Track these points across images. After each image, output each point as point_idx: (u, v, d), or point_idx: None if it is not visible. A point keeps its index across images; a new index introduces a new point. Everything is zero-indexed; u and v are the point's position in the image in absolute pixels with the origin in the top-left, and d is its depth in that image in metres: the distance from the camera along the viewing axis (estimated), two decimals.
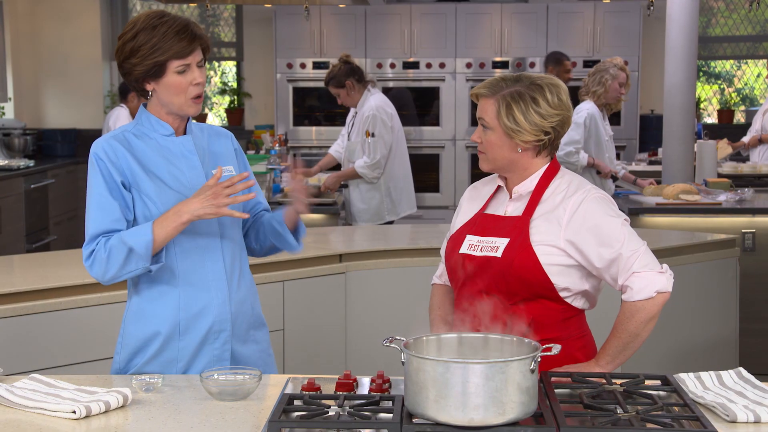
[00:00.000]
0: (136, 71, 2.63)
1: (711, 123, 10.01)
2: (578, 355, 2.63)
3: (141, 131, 2.72)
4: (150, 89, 2.66)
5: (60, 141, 9.68)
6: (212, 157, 2.79)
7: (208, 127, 2.86)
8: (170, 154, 2.71)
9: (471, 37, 9.15)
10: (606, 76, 6.12)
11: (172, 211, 2.58)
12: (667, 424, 2.11)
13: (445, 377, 2.07)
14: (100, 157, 2.64)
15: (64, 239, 9.00)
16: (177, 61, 2.61)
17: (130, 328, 2.74)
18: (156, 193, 2.66)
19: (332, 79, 6.18)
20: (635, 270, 2.54)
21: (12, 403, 2.31)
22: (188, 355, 2.70)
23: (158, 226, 2.58)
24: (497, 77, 2.68)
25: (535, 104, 2.59)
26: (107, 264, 2.59)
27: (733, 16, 9.98)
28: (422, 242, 4.62)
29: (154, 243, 2.57)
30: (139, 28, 2.61)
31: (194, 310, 2.71)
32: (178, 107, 2.67)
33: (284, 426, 2.11)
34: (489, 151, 2.65)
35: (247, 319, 2.81)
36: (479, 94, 2.66)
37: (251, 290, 2.85)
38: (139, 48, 2.60)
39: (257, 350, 2.83)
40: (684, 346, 4.55)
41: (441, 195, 9.19)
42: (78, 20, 9.78)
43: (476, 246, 2.64)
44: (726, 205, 5.78)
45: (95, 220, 2.62)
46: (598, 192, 2.64)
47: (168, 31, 2.59)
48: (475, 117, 2.71)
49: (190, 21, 2.66)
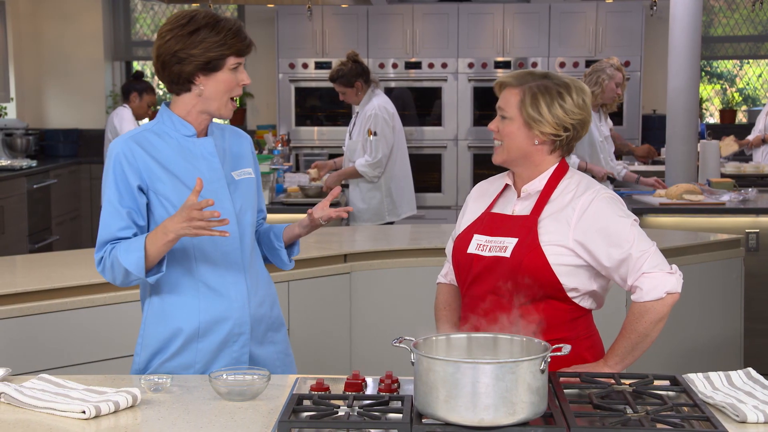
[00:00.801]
0: (194, 62, 2.64)
1: (713, 123, 10.01)
2: (586, 355, 2.63)
3: (162, 130, 2.72)
4: (198, 83, 2.67)
5: (62, 141, 9.69)
6: (233, 158, 2.79)
7: (229, 128, 2.87)
8: (191, 155, 2.71)
9: (473, 37, 9.14)
10: (603, 76, 6.04)
11: (161, 227, 2.58)
12: (677, 425, 2.11)
13: (455, 377, 2.06)
14: (117, 159, 2.65)
15: (66, 239, 9.00)
16: (235, 58, 2.66)
17: (150, 329, 2.75)
18: (174, 194, 2.66)
19: (341, 77, 6.14)
20: (645, 270, 2.54)
21: (21, 403, 2.31)
22: (206, 357, 2.71)
23: (150, 241, 2.58)
24: (525, 71, 2.69)
25: (560, 98, 2.61)
26: (112, 274, 2.65)
27: (735, 15, 9.98)
28: (427, 242, 4.62)
29: (146, 260, 2.58)
30: (201, 24, 2.64)
31: (214, 314, 2.71)
32: (218, 107, 2.70)
33: (294, 426, 2.11)
34: (506, 139, 2.65)
35: (265, 321, 2.81)
36: (505, 83, 2.66)
37: (269, 291, 2.85)
38: (202, 41, 2.62)
39: (275, 351, 2.84)
40: (689, 347, 4.54)
41: (443, 195, 9.19)
42: (80, 20, 9.77)
43: (484, 246, 2.64)
44: (730, 205, 5.78)
45: (104, 227, 2.65)
46: (608, 192, 2.64)
47: (231, 30, 2.65)
48: (477, 117, 2.72)
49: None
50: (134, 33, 10.21)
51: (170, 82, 2.70)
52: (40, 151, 9.51)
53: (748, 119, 9.90)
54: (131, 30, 10.19)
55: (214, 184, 2.70)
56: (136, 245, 2.59)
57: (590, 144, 6.13)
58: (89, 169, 9.36)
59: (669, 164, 6.54)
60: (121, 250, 2.59)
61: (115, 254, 2.60)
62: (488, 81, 9.08)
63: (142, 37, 10.23)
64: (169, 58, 2.66)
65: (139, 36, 10.23)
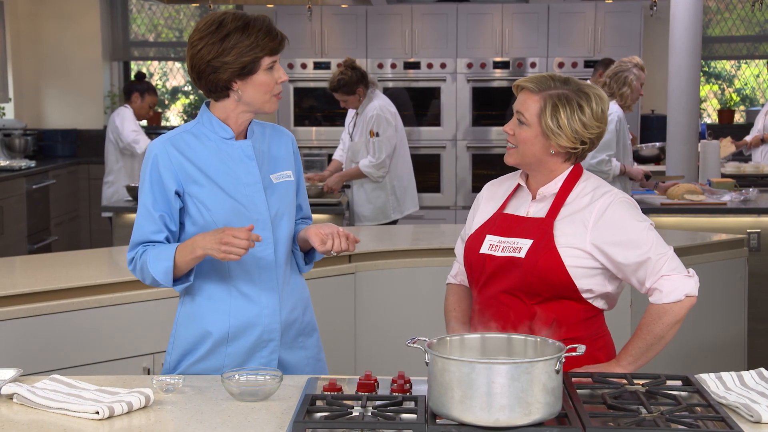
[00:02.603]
0: (229, 69, 2.61)
1: (711, 123, 10.03)
2: (599, 355, 2.63)
3: (201, 131, 2.70)
4: (236, 88, 2.64)
5: (60, 141, 9.67)
6: (271, 161, 2.76)
7: (270, 127, 2.83)
8: (228, 158, 2.69)
9: (472, 38, 9.15)
10: (630, 77, 5.86)
11: (191, 242, 2.59)
12: (692, 425, 2.11)
13: (470, 378, 2.06)
14: (155, 163, 2.65)
15: (65, 240, 8.99)
16: (269, 57, 2.63)
17: (180, 329, 2.76)
18: (209, 197, 2.65)
19: (343, 87, 6.14)
20: (664, 273, 2.54)
21: (34, 404, 2.31)
22: (235, 362, 2.70)
23: (179, 252, 2.60)
24: (545, 75, 2.64)
25: (581, 111, 2.58)
26: (142, 276, 2.69)
27: (732, 16, 9.99)
28: (431, 242, 4.63)
29: (174, 269, 2.60)
30: (230, 29, 2.60)
31: (244, 319, 2.71)
32: (260, 105, 2.68)
33: (309, 426, 2.11)
34: (521, 145, 2.63)
35: (296, 326, 2.80)
36: (524, 87, 2.63)
37: (302, 296, 2.84)
38: (234, 47, 2.59)
39: (305, 357, 2.82)
40: (693, 347, 4.55)
41: (442, 195, 9.19)
42: (78, 21, 9.76)
43: (497, 246, 2.64)
44: (731, 205, 5.80)
45: (138, 229, 2.67)
46: (624, 196, 2.64)
47: (261, 29, 2.62)
48: (476, 117, 2.71)
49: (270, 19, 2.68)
50: (132, 33, 10.20)
51: (208, 90, 2.68)
52: (39, 152, 9.50)
53: (746, 119, 9.92)
54: (129, 30, 10.17)
55: (250, 188, 2.69)
56: (165, 254, 2.60)
57: (624, 147, 6.00)
58: (88, 170, 9.35)
59: (669, 164, 6.56)
60: (151, 257, 2.61)
61: (145, 260, 2.62)
62: (487, 81, 9.09)
63: (140, 37, 10.22)
64: (204, 67, 2.62)
65: (136, 36, 10.22)
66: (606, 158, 5.78)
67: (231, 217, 2.65)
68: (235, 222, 2.65)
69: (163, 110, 10.39)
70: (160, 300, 3.69)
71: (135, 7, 10.17)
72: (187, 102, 10.55)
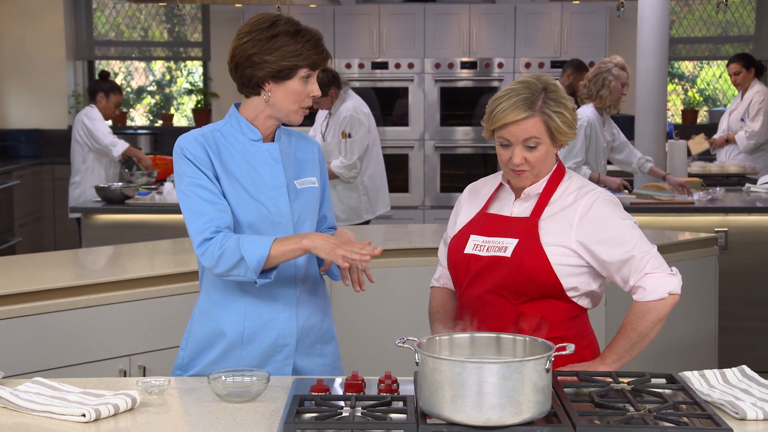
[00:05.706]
0: (267, 68, 2.60)
1: (676, 123, 10.12)
2: (584, 353, 2.65)
3: (229, 131, 2.70)
4: (267, 89, 2.64)
5: (24, 142, 9.56)
6: (297, 165, 2.76)
7: (296, 133, 2.83)
8: (254, 160, 2.68)
9: (439, 38, 9.17)
10: (609, 77, 5.81)
11: (299, 234, 2.57)
12: (681, 423, 2.13)
13: (461, 377, 2.07)
14: (188, 147, 2.63)
15: (29, 241, 8.88)
16: (308, 69, 2.62)
17: (195, 327, 2.74)
18: (233, 197, 2.64)
19: None
20: (647, 271, 2.57)
21: (18, 407, 2.28)
22: (248, 365, 2.67)
23: (278, 243, 2.55)
24: (518, 92, 2.58)
25: (566, 102, 2.63)
26: (218, 262, 2.58)
27: (695, 16, 10.10)
28: (400, 242, 4.63)
29: (268, 259, 2.54)
30: (281, 31, 2.59)
31: (259, 322, 2.69)
32: (286, 114, 2.67)
33: (300, 428, 2.11)
34: (537, 166, 2.62)
35: (314, 332, 2.78)
36: (520, 120, 2.57)
37: (321, 303, 2.81)
38: (278, 48, 2.59)
39: (321, 364, 2.79)
40: (664, 345, 4.59)
41: (410, 195, 9.20)
42: (41, 19, 9.66)
43: (482, 246, 2.65)
44: (699, 204, 5.86)
45: (198, 216, 2.60)
46: (607, 194, 2.66)
47: (309, 41, 2.61)
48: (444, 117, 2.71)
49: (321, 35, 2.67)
50: (96, 32, 10.11)
51: (241, 83, 2.67)
52: (2, 152, 9.40)
53: (709, 119, 10.03)
54: (93, 29, 10.08)
55: (274, 191, 2.67)
56: (262, 242, 2.54)
57: (596, 152, 5.92)
58: (52, 170, 9.25)
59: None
60: (246, 241, 2.54)
61: (236, 244, 2.54)
62: (454, 81, 9.12)
63: (104, 36, 10.13)
64: (243, 60, 2.62)
65: (100, 35, 10.13)
66: (573, 165, 5.70)
67: (254, 219, 2.65)
68: (257, 224, 2.64)
69: (128, 110, 10.31)
70: (135, 302, 3.66)
71: (98, 5, 10.08)
72: (153, 102, 10.48)
